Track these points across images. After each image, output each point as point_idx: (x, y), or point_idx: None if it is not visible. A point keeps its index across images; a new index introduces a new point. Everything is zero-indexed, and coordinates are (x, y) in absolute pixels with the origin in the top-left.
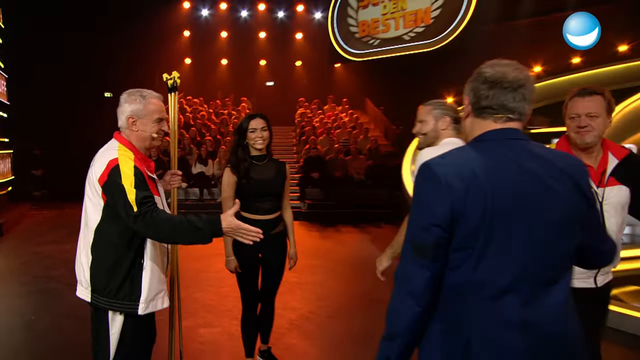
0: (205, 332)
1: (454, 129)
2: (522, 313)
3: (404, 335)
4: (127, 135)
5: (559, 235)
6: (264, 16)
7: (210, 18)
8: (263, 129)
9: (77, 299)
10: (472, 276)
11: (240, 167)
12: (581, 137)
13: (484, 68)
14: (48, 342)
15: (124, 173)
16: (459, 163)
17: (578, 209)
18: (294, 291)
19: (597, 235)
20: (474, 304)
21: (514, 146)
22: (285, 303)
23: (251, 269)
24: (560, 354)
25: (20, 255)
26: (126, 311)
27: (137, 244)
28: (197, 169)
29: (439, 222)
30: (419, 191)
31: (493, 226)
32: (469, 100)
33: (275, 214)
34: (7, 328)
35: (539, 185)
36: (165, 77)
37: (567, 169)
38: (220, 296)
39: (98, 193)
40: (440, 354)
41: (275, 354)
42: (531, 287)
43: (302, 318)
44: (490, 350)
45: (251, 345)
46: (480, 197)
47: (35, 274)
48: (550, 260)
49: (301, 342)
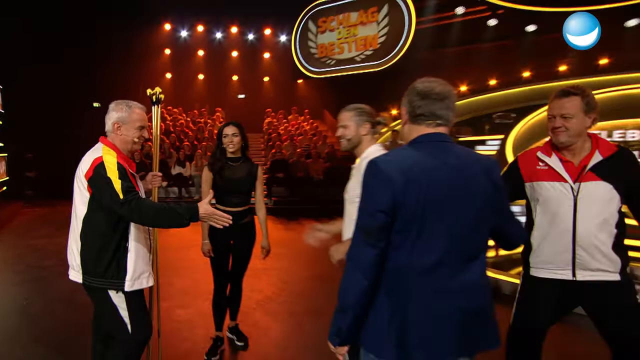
0: (181, 312)
1: (372, 133)
2: (450, 284)
3: (354, 307)
4: (112, 138)
5: (477, 220)
6: (236, 38)
7: (189, 38)
8: (234, 134)
9: (67, 285)
10: (410, 254)
11: (215, 166)
12: (555, 136)
13: (416, 84)
14: (40, 325)
15: (108, 168)
16: (399, 160)
17: (491, 197)
18: (261, 276)
19: (507, 219)
20: (411, 278)
21: (442, 147)
22: (252, 286)
23: (223, 254)
24: (477, 316)
25: (14, 247)
26: (115, 288)
27: (121, 230)
28: (176, 171)
29: (383, 209)
30: (366, 183)
31: (426, 213)
32: (407, 110)
33: (243, 207)
34: (2, 313)
35: (462, 179)
36: (149, 92)
37: (482, 164)
38: (194, 281)
39: (84, 187)
40: (385, 321)
41: (243, 329)
42: (456, 263)
43: (267, 299)
44: (425, 314)
45: (220, 320)
46: (416, 188)
47: (28, 263)
48: (471, 241)
49: (266, 319)
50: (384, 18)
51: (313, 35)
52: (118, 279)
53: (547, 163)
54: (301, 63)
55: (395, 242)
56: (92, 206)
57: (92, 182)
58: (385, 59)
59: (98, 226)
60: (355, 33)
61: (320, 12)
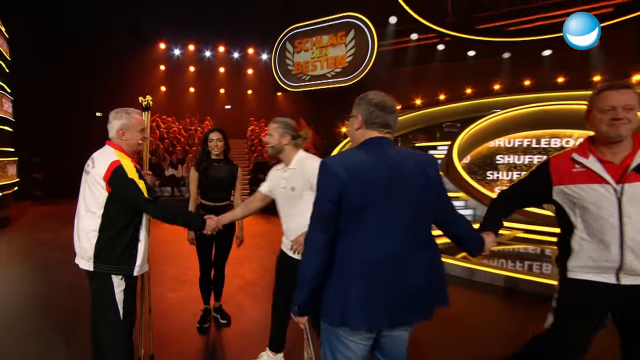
0: (172, 295)
1: (294, 144)
2: (388, 265)
3: (309, 283)
4: (118, 143)
5: (415, 209)
6: (223, 56)
7: (181, 56)
8: (218, 139)
9: (70, 274)
10: (353, 238)
11: (201, 167)
12: (616, 129)
13: (370, 96)
14: (46, 307)
15: (129, 171)
16: (345, 160)
17: (427, 188)
18: (243, 263)
19: (447, 211)
20: (353, 258)
21: (386, 148)
22: (235, 272)
23: (207, 243)
24: (413, 292)
25: (23, 240)
26: (125, 274)
27: (135, 223)
28: (169, 172)
29: (330, 198)
30: (319, 179)
31: (366, 203)
32: (362, 117)
33: (224, 202)
34: (14, 297)
35: (400, 174)
36: (141, 100)
37: (418, 161)
38: (185, 269)
39: (102, 186)
40: (334, 295)
41: (226, 309)
42: (396, 246)
43: (248, 283)
44: (363, 289)
45: (207, 296)
46: (357, 183)
47: (36, 254)
48: (410, 227)
49: (247, 301)
50: (351, 41)
51: (290, 55)
52: (129, 265)
53: (584, 165)
54: (280, 78)
55: (341, 228)
56: (110, 203)
57: (113, 182)
58: (352, 75)
59: (117, 219)
60: (327, 53)
61: (297, 35)
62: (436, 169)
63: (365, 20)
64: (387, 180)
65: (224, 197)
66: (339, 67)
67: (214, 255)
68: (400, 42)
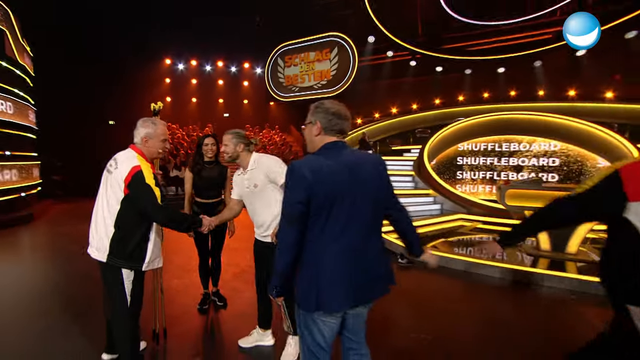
0: (178, 282)
1: (247, 149)
2: (350, 253)
3: (282, 272)
4: (140, 148)
5: (372, 204)
6: (222, 70)
7: (185, 70)
8: (212, 144)
9: (88, 264)
10: (321, 233)
11: (195, 168)
12: None
13: (327, 105)
14: (66, 294)
15: (147, 177)
16: (310, 163)
17: (381, 185)
18: (237, 253)
19: (392, 201)
20: (321, 250)
21: (343, 151)
22: (231, 260)
23: (204, 235)
24: (371, 275)
25: (46, 234)
26: (135, 268)
27: (147, 224)
28: (173, 173)
29: (300, 200)
30: (287, 181)
31: (332, 202)
32: (321, 123)
33: (217, 199)
34: (38, 284)
35: (358, 175)
36: (152, 106)
37: (371, 161)
38: (188, 258)
39: (121, 188)
40: (306, 284)
41: (223, 293)
42: (357, 238)
43: (242, 271)
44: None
45: (206, 281)
46: (323, 185)
47: (57, 247)
48: (368, 220)
49: (241, 286)
50: (335, 57)
51: (281, 69)
52: (139, 260)
53: None
54: (272, 90)
55: (310, 225)
56: (125, 204)
57: (132, 186)
58: (336, 87)
59: (131, 219)
60: (313, 67)
61: (287, 52)
62: (386, 169)
63: (347, 39)
64: (349, 182)
65: (216, 194)
66: (324, 79)
67: (211, 245)
68: (378, 58)
